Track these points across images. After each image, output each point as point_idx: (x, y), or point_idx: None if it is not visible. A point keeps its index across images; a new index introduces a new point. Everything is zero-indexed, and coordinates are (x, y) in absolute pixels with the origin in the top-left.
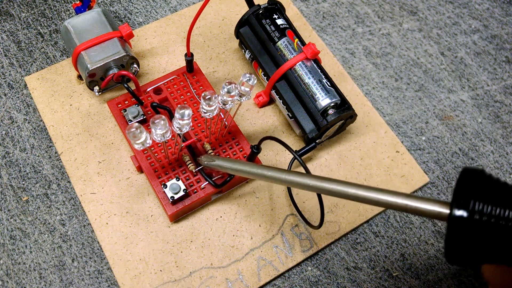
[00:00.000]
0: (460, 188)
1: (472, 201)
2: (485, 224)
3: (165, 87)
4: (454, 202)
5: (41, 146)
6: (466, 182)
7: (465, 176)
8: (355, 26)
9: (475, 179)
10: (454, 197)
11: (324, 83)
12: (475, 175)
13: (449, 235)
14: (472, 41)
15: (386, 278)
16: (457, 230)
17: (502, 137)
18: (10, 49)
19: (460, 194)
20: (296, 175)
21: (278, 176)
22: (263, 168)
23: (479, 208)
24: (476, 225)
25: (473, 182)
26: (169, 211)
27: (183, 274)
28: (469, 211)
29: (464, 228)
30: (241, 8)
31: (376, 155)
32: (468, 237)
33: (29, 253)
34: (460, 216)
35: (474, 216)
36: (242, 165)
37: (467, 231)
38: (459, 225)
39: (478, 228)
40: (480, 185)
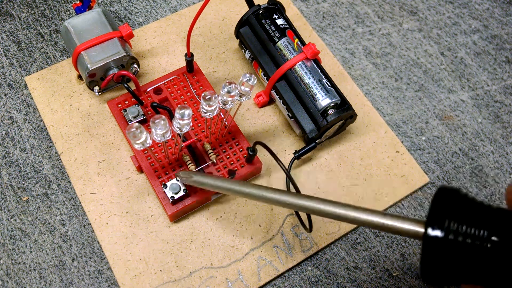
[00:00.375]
0: (435, 207)
1: (447, 220)
2: (460, 244)
3: (165, 87)
4: (429, 221)
5: (41, 146)
6: (441, 201)
7: (440, 195)
8: (355, 26)
9: (451, 198)
10: (429, 216)
11: (324, 83)
12: (451, 194)
13: (424, 255)
14: (472, 41)
15: (386, 278)
16: (432, 250)
17: (502, 137)
18: (10, 49)
19: (435, 214)
20: (273, 192)
21: (256, 193)
22: (242, 185)
23: (454, 228)
24: (451, 245)
25: (449, 201)
26: (169, 211)
27: (183, 274)
28: (444, 230)
29: (439, 248)
30: (241, 8)
31: (376, 155)
32: (443, 257)
33: (29, 253)
34: (434, 236)
35: (449, 236)
36: (220, 182)
37: (442, 251)
38: (433, 245)
39: (453, 248)
40: (456, 204)
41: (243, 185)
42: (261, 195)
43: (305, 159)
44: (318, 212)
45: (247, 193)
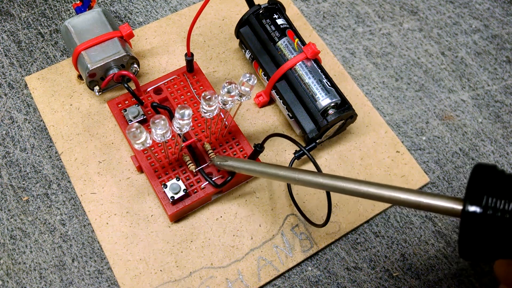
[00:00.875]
0: (473, 184)
1: (485, 196)
2: (498, 219)
3: (165, 87)
4: (467, 198)
5: (41, 146)
6: (478, 178)
7: (477, 172)
8: (356, 26)
9: (488, 175)
10: (467, 193)
11: (325, 83)
12: (488, 171)
13: (463, 231)
14: (473, 41)
15: (386, 278)
16: (470, 226)
17: (502, 137)
18: (11, 49)
19: (473, 190)
20: (308, 174)
21: (291, 176)
22: (276, 168)
23: (492, 204)
24: (490, 221)
25: (486, 177)
26: (169, 211)
27: (183, 274)
28: (483, 206)
29: (477, 224)
30: (241, 8)
31: (376, 155)
32: (481, 233)
33: (29, 253)
34: (473, 212)
35: (488, 211)
36: (254, 165)
37: (480, 226)
38: (472, 221)
39: (492, 224)
40: (493, 180)
41: (278, 169)
42: (295, 177)
43: (305, 159)
44: (353, 192)
45: (283, 176)
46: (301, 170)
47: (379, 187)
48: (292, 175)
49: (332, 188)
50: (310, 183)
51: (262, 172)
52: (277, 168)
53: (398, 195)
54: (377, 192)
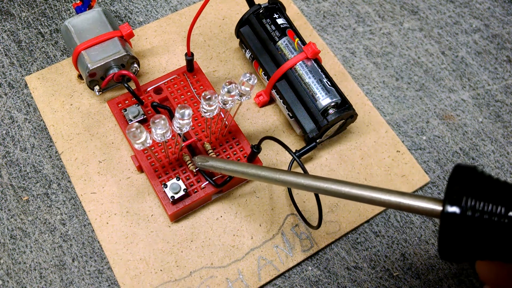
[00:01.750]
0: (452, 185)
1: (464, 197)
2: (477, 220)
3: (165, 87)
4: (446, 199)
5: (41, 145)
6: (458, 178)
7: (457, 172)
8: (356, 25)
9: (468, 176)
10: (446, 194)
11: (325, 83)
12: (468, 172)
13: (442, 232)
14: (473, 41)
15: (386, 278)
16: (449, 227)
17: (503, 137)
18: (11, 48)
19: (453, 191)
20: (290, 174)
21: (272, 176)
22: (258, 168)
23: (472, 205)
24: (469, 222)
25: (466, 178)
26: (169, 210)
27: (183, 274)
28: (462, 207)
29: (456, 225)
30: (242, 8)
31: (376, 154)
32: (460, 234)
33: (30, 253)
34: (452, 213)
35: (467, 212)
36: (236, 166)
37: (459, 227)
38: (451, 222)
39: (471, 225)
40: (473, 181)
41: (260, 169)
42: (276, 177)
43: (305, 159)
44: (335, 193)
45: (263, 176)
46: (282, 171)
47: (360, 188)
48: (273, 176)
49: (313, 189)
50: (291, 184)
51: (243, 172)
52: (258, 169)
53: (379, 196)
54: (358, 193)
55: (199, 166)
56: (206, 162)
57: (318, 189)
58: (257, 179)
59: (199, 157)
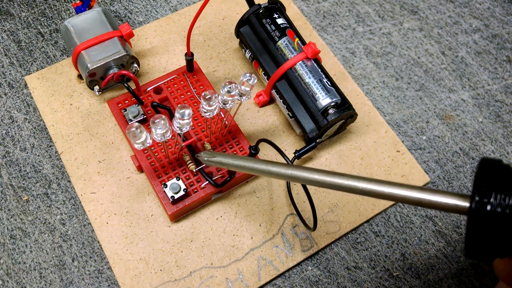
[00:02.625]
0: (479, 180)
1: (493, 193)
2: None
3: (165, 87)
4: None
5: (41, 145)
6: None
7: (483, 167)
8: (356, 25)
9: (494, 170)
10: (474, 189)
11: (325, 83)
12: (494, 166)
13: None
14: (473, 41)
15: (386, 277)
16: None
17: (502, 137)
18: (11, 48)
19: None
20: (302, 170)
21: (283, 172)
22: (267, 164)
23: (501, 200)
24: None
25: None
26: (169, 210)
27: (183, 274)
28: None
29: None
30: (242, 8)
31: (376, 154)
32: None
33: (30, 253)
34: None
35: (496, 209)
36: (244, 161)
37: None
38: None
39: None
40: (500, 176)
41: (267, 164)
42: (289, 173)
43: (305, 159)
44: (350, 189)
45: (272, 172)
46: (294, 166)
47: (379, 184)
48: (284, 171)
49: (329, 185)
50: (304, 180)
51: (252, 168)
52: (268, 164)
53: (399, 192)
54: (377, 189)
55: (205, 162)
56: (213, 158)
57: (332, 185)
58: (266, 175)
59: (206, 153)
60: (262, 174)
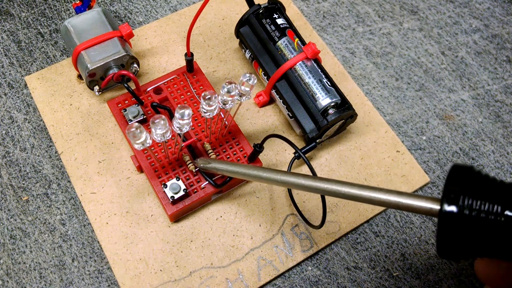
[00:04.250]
0: (449, 184)
1: (461, 196)
2: (474, 219)
3: (165, 87)
4: (444, 198)
5: (41, 145)
6: (455, 178)
7: (454, 172)
8: (356, 25)
9: (464, 175)
10: (444, 193)
11: (325, 83)
12: (465, 171)
13: (440, 230)
14: (473, 41)
15: (386, 278)
16: (447, 225)
17: (502, 137)
18: (10, 48)
19: (450, 190)
20: (290, 176)
21: (274, 178)
22: (259, 170)
23: (469, 204)
24: (466, 220)
25: (463, 178)
26: (169, 211)
27: (183, 274)
28: (459, 206)
29: (454, 223)
30: (241, 8)
31: (376, 154)
32: (458, 232)
33: (29, 253)
34: (450, 212)
35: (464, 211)
36: (238, 167)
37: (457, 226)
38: (449, 221)
39: (468, 223)
40: (469, 181)
41: (261, 170)
42: (278, 179)
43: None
44: (334, 193)
45: (265, 178)
46: (283, 172)
47: (360, 188)
48: (274, 177)
49: (313, 189)
50: (291, 185)
51: (245, 174)
52: (259, 170)
53: (377, 195)
54: (357, 193)
55: (201, 168)
56: (208, 164)
57: (318, 190)
58: (259, 180)
59: (202, 159)
60: (255, 180)
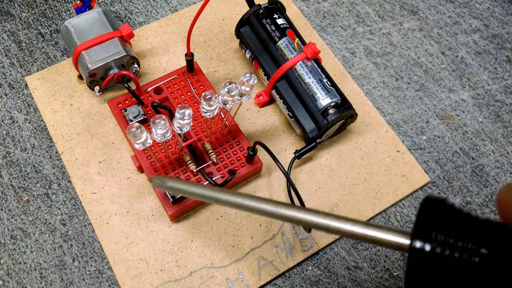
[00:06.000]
0: (421, 219)
1: (433, 232)
2: (447, 258)
3: (165, 87)
4: (415, 233)
5: (41, 146)
6: (427, 212)
7: (426, 205)
8: (356, 25)
9: (437, 209)
10: (415, 228)
11: (325, 83)
12: (437, 205)
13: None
14: (473, 41)
15: (386, 277)
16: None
17: (502, 137)
18: (11, 49)
19: (422, 225)
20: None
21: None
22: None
23: (441, 240)
24: (438, 259)
25: (435, 212)
26: (169, 210)
27: (183, 274)
28: (431, 243)
29: (425, 261)
30: (242, 8)
31: (376, 154)
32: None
33: (30, 253)
34: (421, 249)
35: (436, 249)
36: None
37: (428, 264)
38: (420, 258)
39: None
40: (442, 215)
41: (221, 192)
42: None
43: (305, 159)
44: (297, 221)
45: (224, 201)
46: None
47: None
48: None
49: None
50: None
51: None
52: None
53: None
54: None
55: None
56: (164, 184)
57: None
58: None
59: (156, 178)
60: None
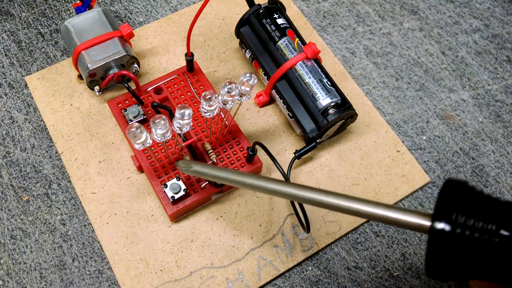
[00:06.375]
0: (442, 200)
1: (454, 213)
2: (467, 238)
3: (165, 87)
4: (435, 215)
5: (41, 145)
6: (448, 193)
7: (448, 187)
8: (356, 25)
9: (458, 191)
10: (436, 209)
11: (325, 83)
12: (458, 187)
13: (430, 249)
14: (473, 41)
15: (386, 277)
16: (438, 244)
17: (503, 137)
18: (11, 48)
19: (442, 206)
20: (275, 183)
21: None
22: (243, 175)
23: (462, 221)
24: (458, 239)
25: (456, 194)
26: (169, 210)
27: (183, 274)
28: (451, 224)
29: (445, 242)
30: (242, 8)
31: (376, 154)
32: (449, 252)
33: (30, 253)
34: (441, 230)
35: (456, 229)
36: (221, 172)
37: (448, 245)
38: (440, 239)
39: (460, 242)
40: (463, 197)
41: (244, 176)
42: (261, 185)
43: (305, 159)
44: (320, 203)
45: (248, 184)
46: (268, 179)
47: (346, 199)
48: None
49: (297, 198)
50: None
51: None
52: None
53: (365, 208)
54: (344, 204)
55: (182, 171)
56: (190, 168)
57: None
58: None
59: (183, 162)
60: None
